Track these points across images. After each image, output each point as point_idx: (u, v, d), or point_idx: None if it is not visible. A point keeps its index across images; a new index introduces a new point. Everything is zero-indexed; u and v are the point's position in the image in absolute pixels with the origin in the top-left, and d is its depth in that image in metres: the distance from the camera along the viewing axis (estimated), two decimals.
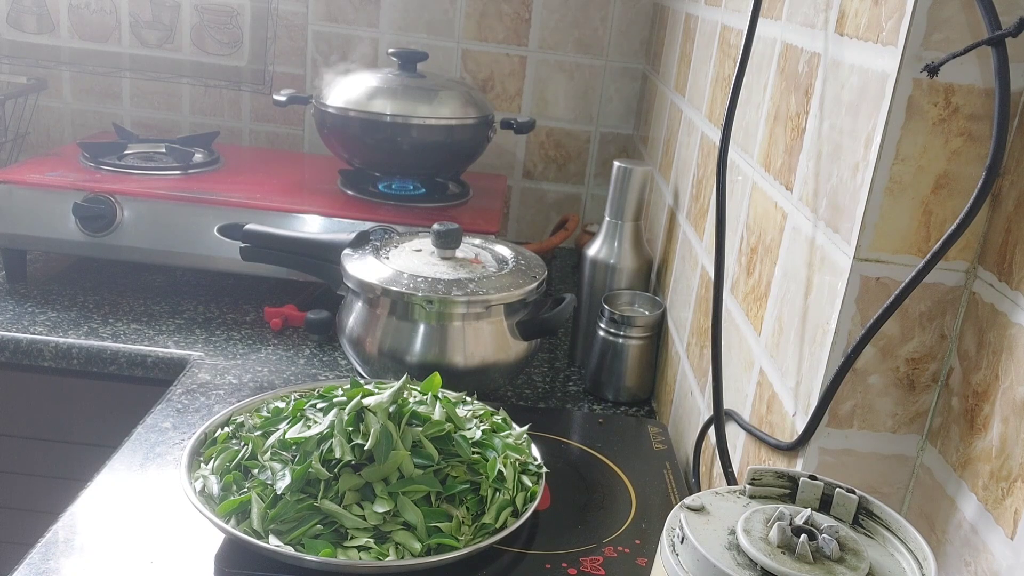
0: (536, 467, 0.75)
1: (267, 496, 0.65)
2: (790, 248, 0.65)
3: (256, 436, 0.71)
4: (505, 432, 0.78)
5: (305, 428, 0.70)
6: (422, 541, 0.64)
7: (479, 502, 0.68)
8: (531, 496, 0.71)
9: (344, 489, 0.65)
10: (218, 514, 0.64)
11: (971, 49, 0.46)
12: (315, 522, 0.63)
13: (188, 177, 1.35)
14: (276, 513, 0.64)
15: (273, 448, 0.69)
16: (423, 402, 0.74)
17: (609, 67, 1.59)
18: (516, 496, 0.70)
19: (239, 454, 0.70)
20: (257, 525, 0.63)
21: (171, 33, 1.61)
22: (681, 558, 0.43)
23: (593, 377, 1.08)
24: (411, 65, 1.36)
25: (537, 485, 0.73)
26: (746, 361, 0.73)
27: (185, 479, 0.68)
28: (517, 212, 1.69)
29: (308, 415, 0.72)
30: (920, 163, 0.50)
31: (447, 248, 0.99)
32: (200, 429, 0.75)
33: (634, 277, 1.11)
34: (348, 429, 0.68)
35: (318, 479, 0.65)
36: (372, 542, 0.63)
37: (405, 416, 0.70)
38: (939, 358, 0.53)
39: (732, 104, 0.72)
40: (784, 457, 0.61)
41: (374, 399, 0.70)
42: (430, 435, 0.70)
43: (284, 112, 1.57)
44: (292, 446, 0.68)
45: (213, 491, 0.67)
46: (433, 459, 0.68)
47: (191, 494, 0.66)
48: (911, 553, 0.42)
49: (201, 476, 0.69)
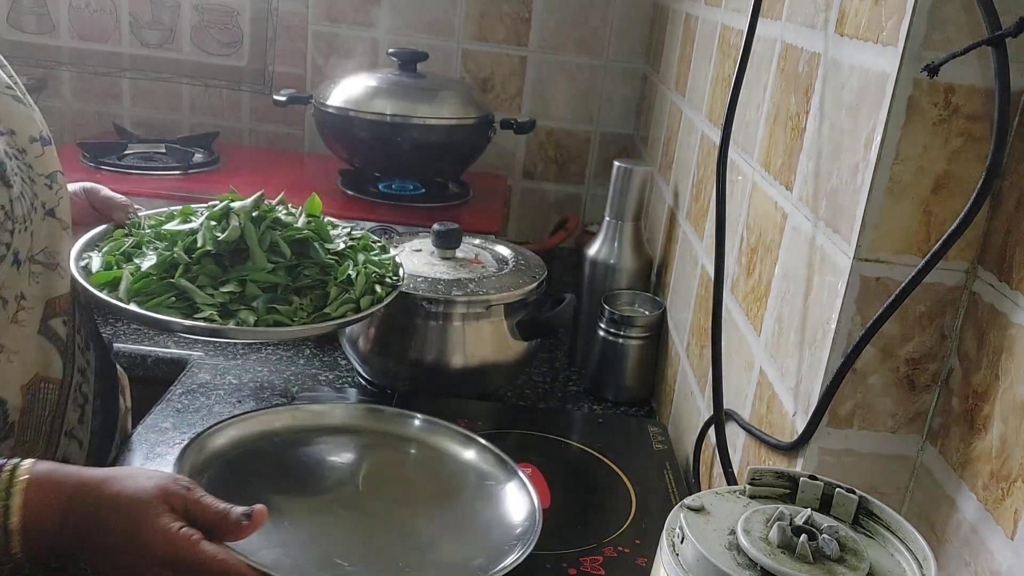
0: (393, 280, 0.86)
1: (136, 274, 0.75)
2: (790, 248, 0.65)
3: (144, 232, 0.81)
4: (375, 252, 0.89)
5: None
6: (260, 317, 0.74)
7: (324, 297, 0.79)
8: (377, 300, 0.81)
9: (200, 273, 0.75)
10: (92, 283, 0.73)
11: (971, 49, 0.46)
12: (170, 295, 0.74)
13: (188, 177, 1.35)
14: (139, 287, 0.74)
15: (151, 238, 0.80)
16: (292, 214, 0.84)
17: (609, 67, 1.59)
18: (362, 299, 0.80)
19: (125, 244, 0.79)
20: (122, 294, 0.73)
21: (171, 33, 1.61)
22: (681, 558, 0.43)
23: (593, 377, 1.08)
24: (411, 65, 1.36)
25: (388, 294, 0.83)
26: (746, 361, 0.73)
27: (72, 260, 0.75)
28: (517, 212, 1.69)
29: (192, 219, 0.83)
30: (920, 163, 0.50)
31: (447, 248, 0.99)
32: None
33: (634, 277, 1.11)
34: (212, 224, 0.79)
35: (181, 264, 0.75)
36: (215, 314, 0.73)
37: (267, 219, 0.80)
38: (939, 358, 0.53)
39: (732, 104, 0.72)
40: (784, 457, 0.61)
41: (239, 203, 0.81)
42: (287, 237, 0.80)
43: (284, 112, 1.57)
44: (167, 237, 0.79)
45: (93, 268, 0.76)
46: (285, 256, 0.78)
47: (74, 269, 0.74)
48: (911, 553, 0.42)
49: (88, 257, 0.78)
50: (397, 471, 0.78)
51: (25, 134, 0.68)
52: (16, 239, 0.62)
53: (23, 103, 0.69)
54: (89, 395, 0.74)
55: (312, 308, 0.78)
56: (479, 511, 0.73)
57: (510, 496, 0.74)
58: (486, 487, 0.75)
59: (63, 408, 0.69)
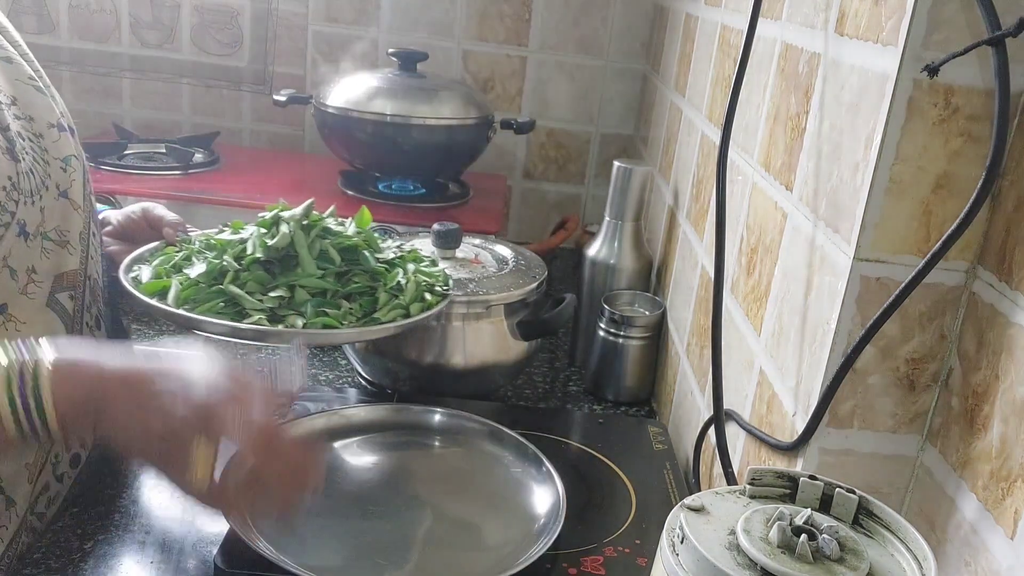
0: (443, 289, 0.86)
1: (185, 282, 0.76)
2: (790, 248, 0.65)
3: (193, 247, 0.83)
4: (425, 263, 0.89)
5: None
6: (308, 321, 0.74)
7: (374, 303, 0.79)
8: (428, 307, 0.81)
9: (248, 280, 0.76)
10: (142, 291, 0.76)
11: (971, 49, 0.46)
12: (219, 301, 0.75)
13: (188, 177, 1.35)
14: (188, 294, 0.75)
15: (201, 249, 0.82)
16: (342, 224, 0.86)
17: (609, 67, 1.59)
18: (412, 305, 0.80)
19: (175, 257, 0.81)
20: (171, 301, 0.75)
21: (171, 33, 1.61)
22: (681, 558, 0.43)
23: (593, 377, 1.08)
24: (411, 65, 1.36)
25: (439, 302, 0.83)
26: (746, 361, 0.73)
27: (122, 272, 0.79)
28: (517, 212, 1.69)
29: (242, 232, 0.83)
30: (920, 163, 0.50)
31: (447, 248, 0.99)
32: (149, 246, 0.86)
33: (634, 277, 1.11)
34: (262, 232, 0.80)
35: (231, 271, 0.76)
36: (264, 319, 0.73)
37: (316, 227, 0.80)
38: (939, 358, 0.53)
39: (732, 104, 0.72)
40: (784, 457, 0.61)
41: (289, 212, 0.82)
42: (337, 245, 0.81)
43: (284, 112, 1.57)
44: (217, 247, 0.80)
45: (143, 279, 0.79)
46: (335, 263, 0.79)
47: (124, 280, 0.77)
48: (911, 553, 0.42)
49: (138, 269, 0.81)
50: (428, 466, 0.80)
51: (43, 121, 0.73)
52: (21, 210, 0.66)
53: (44, 93, 0.75)
54: None
55: (361, 313, 0.78)
56: (508, 499, 0.75)
57: (535, 482, 0.76)
58: (512, 475, 0.78)
59: None
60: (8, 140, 0.67)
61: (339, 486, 0.74)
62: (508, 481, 0.77)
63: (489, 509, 0.74)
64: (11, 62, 0.73)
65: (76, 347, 0.58)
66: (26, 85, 0.73)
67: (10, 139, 0.67)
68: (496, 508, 0.74)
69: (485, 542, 0.70)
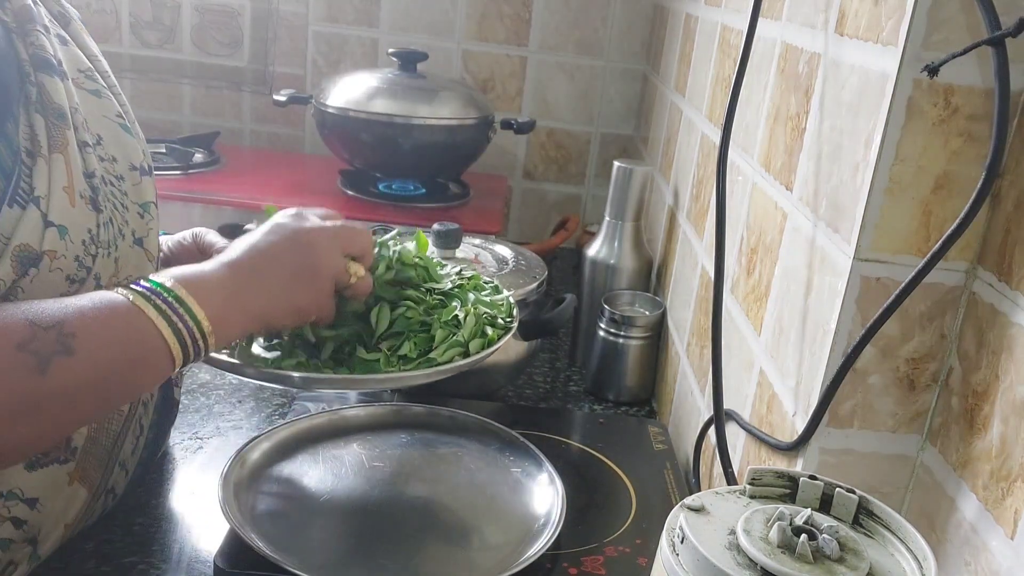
0: (506, 322, 0.79)
1: None
2: (790, 248, 0.65)
3: None
4: (486, 292, 0.82)
5: None
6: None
7: (430, 340, 0.73)
8: (488, 343, 0.74)
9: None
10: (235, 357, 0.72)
11: (971, 49, 0.46)
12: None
13: (188, 177, 1.36)
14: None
15: None
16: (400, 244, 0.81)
17: (609, 67, 1.59)
18: (472, 342, 0.74)
19: None
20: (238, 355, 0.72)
21: (172, 33, 1.61)
22: (681, 558, 0.43)
23: (594, 377, 1.08)
24: (411, 65, 1.36)
25: (500, 337, 0.76)
26: (746, 361, 0.73)
27: None
28: (517, 212, 1.69)
29: None
30: (920, 163, 0.50)
31: (447, 248, 0.99)
32: None
33: (634, 277, 1.11)
34: None
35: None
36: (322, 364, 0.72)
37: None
38: (939, 358, 0.53)
39: (732, 104, 0.72)
40: (784, 457, 0.61)
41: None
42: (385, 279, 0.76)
43: (285, 112, 1.58)
44: None
45: None
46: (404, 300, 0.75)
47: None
48: (911, 553, 0.42)
49: None
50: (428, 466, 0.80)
51: (126, 162, 0.69)
52: (98, 264, 0.62)
53: (131, 133, 0.70)
54: (145, 427, 0.74)
55: (417, 353, 0.72)
56: (508, 499, 0.75)
57: (534, 482, 0.77)
58: (512, 475, 0.78)
59: (123, 439, 0.70)
60: (92, 188, 0.62)
61: (339, 486, 0.75)
62: (508, 481, 0.77)
63: (489, 509, 0.74)
64: (100, 96, 0.68)
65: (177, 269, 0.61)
66: (113, 123, 0.68)
67: (94, 187, 0.63)
68: (496, 508, 0.74)
69: (485, 542, 0.70)
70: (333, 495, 0.73)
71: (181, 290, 0.58)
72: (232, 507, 0.67)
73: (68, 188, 0.60)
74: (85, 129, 0.64)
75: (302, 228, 0.68)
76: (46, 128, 0.59)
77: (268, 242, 0.66)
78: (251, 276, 0.64)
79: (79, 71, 0.67)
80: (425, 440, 0.83)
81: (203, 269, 0.62)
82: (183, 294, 0.58)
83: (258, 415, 0.94)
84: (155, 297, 0.57)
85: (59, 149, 0.59)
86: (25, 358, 0.50)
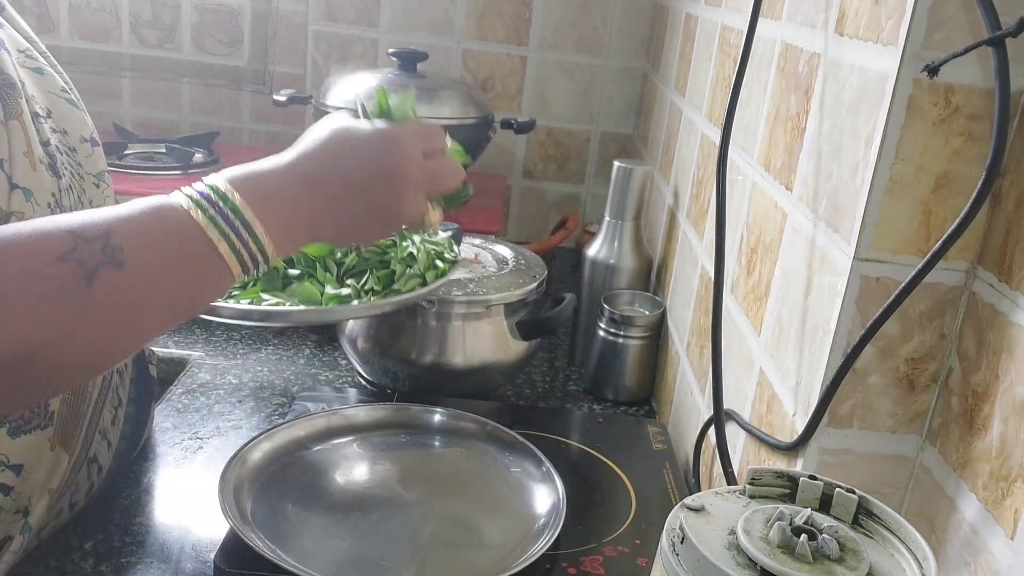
0: (451, 257, 0.89)
1: None
2: (790, 248, 0.65)
3: None
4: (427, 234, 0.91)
5: None
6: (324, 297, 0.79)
7: (390, 275, 0.82)
8: (441, 274, 0.85)
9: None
10: None
11: (971, 49, 0.46)
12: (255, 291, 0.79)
13: (188, 177, 1.35)
14: None
15: None
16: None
17: (609, 67, 1.59)
18: (427, 272, 0.84)
19: None
20: None
21: (171, 33, 1.61)
22: (681, 558, 0.43)
23: (593, 377, 1.08)
24: (411, 65, 1.36)
25: (449, 268, 0.87)
26: (746, 361, 0.73)
27: None
28: (517, 212, 1.69)
29: None
30: (920, 163, 0.50)
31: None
32: None
33: (634, 277, 1.11)
34: None
35: None
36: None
37: None
38: (939, 358, 0.53)
39: (732, 104, 0.72)
40: (784, 457, 0.61)
41: None
42: None
43: (284, 112, 1.57)
44: None
45: None
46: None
47: None
48: (911, 553, 0.42)
49: None
50: (428, 466, 0.81)
51: (76, 134, 0.70)
52: None
53: (77, 106, 0.72)
54: (123, 399, 0.75)
55: (382, 286, 0.81)
56: (508, 499, 0.75)
57: (534, 482, 0.77)
58: (512, 475, 0.78)
59: (100, 406, 0.70)
60: (49, 155, 0.64)
61: (339, 486, 0.75)
62: (508, 481, 0.77)
63: (489, 509, 0.74)
64: (43, 73, 0.70)
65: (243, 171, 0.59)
66: (59, 97, 0.70)
67: (51, 154, 0.64)
68: (496, 508, 0.74)
69: (485, 542, 0.70)
70: (333, 495, 0.73)
71: (248, 211, 0.56)
72: (232, 507, 0.67)
73: (28, 153, 0.60)
74: (35, 102, 0.65)
75: (397, 168, 0.64)
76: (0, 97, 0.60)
77: (358, 169, 0.63)
78: (327, 202, 0.61)
79: (19, 51, 0.68)
80: (425, 440, 0.83)
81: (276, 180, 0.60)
82: (249, 216, 0.56)
83: (258, 415, 0.94)
84: (211, 208, 0.55)
85: (15, 116, 0.60)
86: (69, 267, 0.48)
